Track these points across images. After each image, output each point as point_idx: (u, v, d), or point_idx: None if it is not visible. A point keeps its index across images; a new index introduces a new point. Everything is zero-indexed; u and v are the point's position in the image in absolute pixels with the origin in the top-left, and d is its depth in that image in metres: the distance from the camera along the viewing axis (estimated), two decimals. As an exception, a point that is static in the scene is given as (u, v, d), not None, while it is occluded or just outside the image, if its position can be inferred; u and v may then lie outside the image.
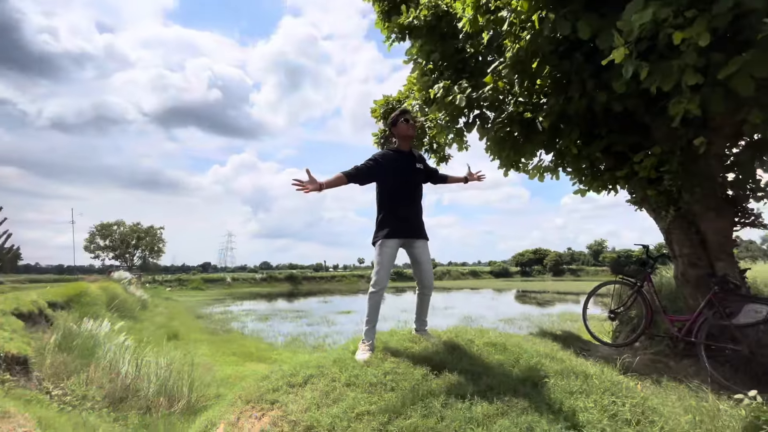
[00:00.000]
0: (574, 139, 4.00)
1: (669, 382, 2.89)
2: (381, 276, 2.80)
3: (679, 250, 3.82)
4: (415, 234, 2.90)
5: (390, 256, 2.82)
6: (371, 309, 2.81)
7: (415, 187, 2.95)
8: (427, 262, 2.92)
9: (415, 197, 2.94)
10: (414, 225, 2.90)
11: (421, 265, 2.91)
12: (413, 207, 2.93)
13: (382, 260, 2.80)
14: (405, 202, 2.89)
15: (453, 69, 4.43)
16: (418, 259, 2.90)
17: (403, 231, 2.85)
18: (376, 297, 2.81)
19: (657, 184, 3.81)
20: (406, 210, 2.88)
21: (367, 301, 2.84)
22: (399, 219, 2.84)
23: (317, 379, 2.44)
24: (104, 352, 4.69)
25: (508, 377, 2.37)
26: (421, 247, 2.91)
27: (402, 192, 2.89)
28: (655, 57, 2.65)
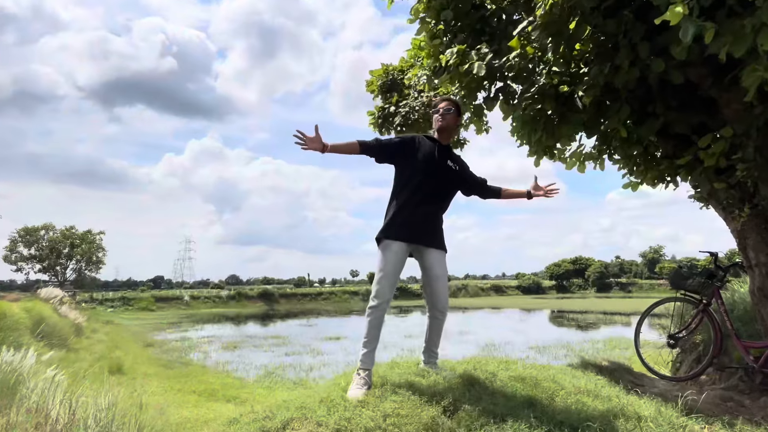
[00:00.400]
0: (622, 119, 3.99)
1: (744, 426, 2.90)
2: (383, 286, 2.80)
3: (756, 259, 3.83)
4: (429, 240, 2.90)
5: (395, 263, 2.83)
6: (370, 328, 2.82)
7: (440, 187, 2.97)
8: (442, 277, 2.92)
9: (437, 198, 2.96)
10: (429, 229, 2.91)
11: (433, 280, 2.91)
12: (432, 208, 2.94)
13: (386, 267, 2.81)
14: (424, 199, 2.89)
15: (470, 30, 4.43)
16: (431, 272, 2.91)
17: (415, 234, 2.86)
18: (376, 313, 2.82)
19: (728, 174, 3.81)
20: (423, 209, 2.88)
21: (366, 318, 2.86)
22: (411, 217, 2.85)
23: (299, 424, 2.44)
24: (29, 391, 4.68)
25: (540, 420, 2.38)
26: (436, 258, 2.92)
27: (423, 186, 2.90)
28: (723, 14, 2.66)
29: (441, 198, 2.99)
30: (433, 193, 2.93)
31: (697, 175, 4.03)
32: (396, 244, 2.83)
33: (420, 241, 2.89)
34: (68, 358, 8.93)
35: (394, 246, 2.83)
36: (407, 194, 2.89)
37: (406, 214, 2.85)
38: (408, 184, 2.91)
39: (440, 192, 2.97)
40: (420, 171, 2.90)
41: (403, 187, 2.93)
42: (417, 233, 2.86)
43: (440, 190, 2.97)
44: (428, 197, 2.91)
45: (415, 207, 2.86)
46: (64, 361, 7.83)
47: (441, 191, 2.97)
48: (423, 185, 2.89)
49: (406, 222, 2.84)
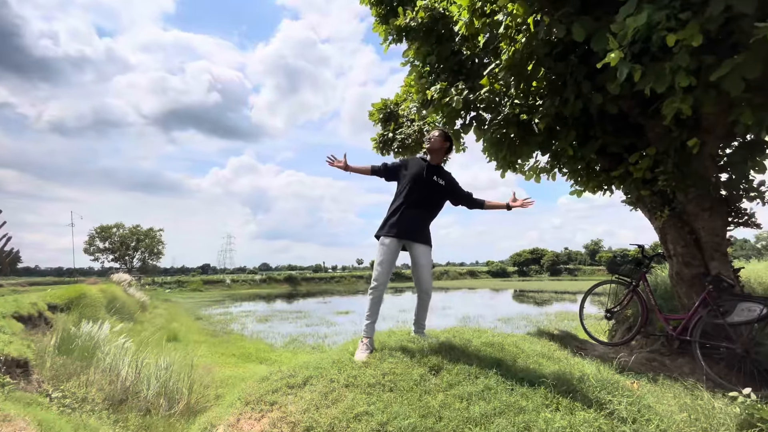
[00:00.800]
0: (569, 141, 4.01)
1: (665, 381, 2.91)
2: (380, 273, 2.85)
3: (674, 250, 3.83)
4: (415, 237, 2.92)
5: (389, 254, 2.86)
6: (371, 305, 2.87)
7: (429, 195, 2.97)
8: (426, 266, 2.94)
9: (423, 204, 2.96)
10: (415, 228, 2.92)
11: (419, 268, 2.93)
12: (418, 212, 2.94)
13: (382, 258, 2.86)
14: (411, 205, 2.92)
15: (449, 71, 4.44)
16: (417, 262, 2.94)
17: (403, 231, 2.88)
18: (376, 293, 2.86)
19: (652, 184, 3.82)
20: (411, 211, 2.91)
21: (368, 297, 2.90)
22: (401, 218, 2.89)
23: (316, 380, 2.44)
24: (104, 355, 4.67)
25: (505, 377, 2.38)
26: (421, 251, 2.93)
27: (410, 195, 2.93)
28: (649, 59, 2.67)
29: (427, 205, 2.99)
30: (419, 200, 2.94)
31: (628, 184, 4.04)
32: (389, 239, 2.87)
33: (408, 237, 2.91)
34: (135, 329, 8.91)
35: (387, 241, 2.87)
36: (399, 202, 2.95)
37: (397, 217, 2.90)
38: (400, 194, 2.97)
39: (426, 201, 2.98)
40: (408, 184, 2.95)
41: (396, 196, 3.00)
42: (405, 231, 2.89)
43: (426, 199, 2.98)
44: (415, 204, 2.93)
45: (404, 211, 2.90)
46: (132, 331, 7.82)
47: (426, 200, 2.98)
48: (410, 194, 2.93)
49: (397, 222, 2.89)
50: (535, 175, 4.64)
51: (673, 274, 3.90)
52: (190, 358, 5.59)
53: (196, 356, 6.78)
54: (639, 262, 4.07)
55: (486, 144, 4.45)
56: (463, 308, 18.27)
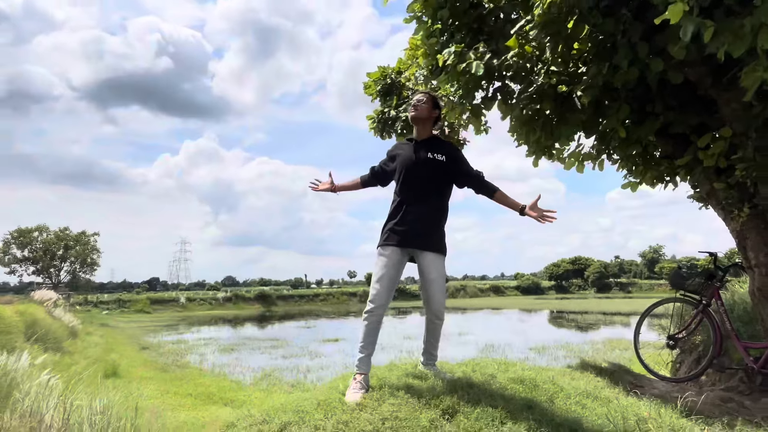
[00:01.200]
0: (621, 119, 4.01)
1: (744, 427, 2.91)
2: (378, 293, 2.80)
3: (756, 259, 3.84)
4: (423, 243, 2.87)
5: (390, 267, 2.82)
6: (367, 333, 2.82)
7: (428, 182, 2.92)
8: (437, 280, 2.87)
9: (427, 195, 2.91)
10: (423, 232, 2.87)
11: (428, 284, 2.88)
12: (423, 208, 2.89)
13: (380, 271, 2.82)
14: (412, 199, 2.88)
15: (467, 29, 4.44)
16: (426, 276, 2.88)
17: (406, 238, 2.84)
18: (372, 318, 2.81)
19: (727, 174, 3.83)
20: (413, 210, 2.87)
21: (362, 323, 2.85)
22: (402, 222, 2.85)
23: (296, 428, 2.44)
24: (22, 395, 4.67)
25: (539, 423, 2.38)
26: (432, 262, 2.88)
27: (407, 188, 2.91)
28: (722, 13, 2.67)
29: (431, 195, 2.91)
30: (420, 192, 2.89)
31: (697, 174, 4.05)
32: (390, 249, 2.84)
33: (413, 245, 2.86)
34: (63, 362, 8.90)
35: (388, 251, 2.84)
36: (397, 200, 2.95)
37: (397, 220, 2.87)
38: (397, 190, 2.99)
39: (427, 189, 2.90)
40: (402, 175, 2.95)
41: (394, 194, 3.02)
42: (409, 237, 2.84)
43: (427, 188, 2.90)
44: (416, 198, 2.88)
45: (405, 211, 2.87)
46: (59, 365, 7.81)
47: (428, 188, 2.90)
48: (406, 187, 2.92)
49: (398, 227, 2.85)
50: (577, 163, 4.64)
51: (755, 290, 3.91)
52: (134, 400, 5.58)
53: (141, 397, 6.78)
54: (711, 274, 4.08)
55: (514, 123, 4.45)
56: (485, 334, 18.30)
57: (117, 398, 5.13)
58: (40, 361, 6.08)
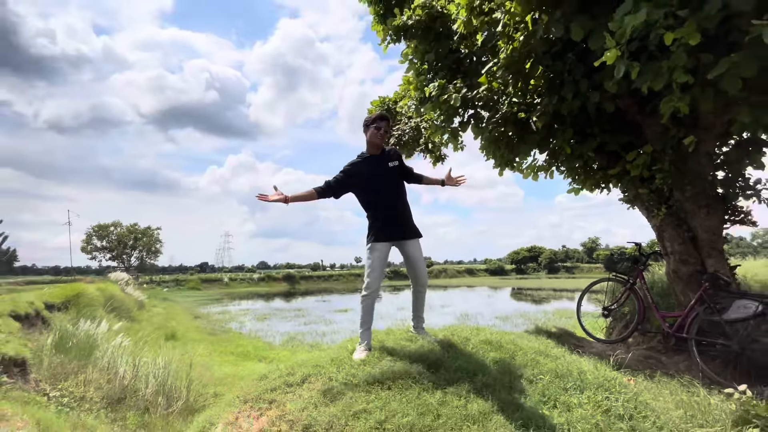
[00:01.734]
0: (567, 139, 4.01)
1: (661, 378, 2.92)
2: (372, 279, 2.80)
3: (671, 248, 3.85)
4: (405, 234, 2.90)
5: (380, 260, 2.84)
6: (365, 312, 2.82)
7: (393, 187, 2.92)
8: (420, 259, 2.92)
9: (395, 197, 2.91)
10: (402, 225, 2.90)
11: (414, 262, 2.91)
12: (397, 207, 2.91)
13: (373, 264, 2.82)
14: (386, 204, 2.88)
15: (448, 69, 4.44)
16: (411, 257, 2.91)
17: (392, 233, 2.87)
18: (368, 300, 2.81)
19: (649, 182, 3.83)
20: (390, 212, 2.87)
21: (360, 304, 2.84)
22: (385, 222, 2.85)
23: (315, 378, 2.44)
24: (102, 353, 4.66)
25: (503, 375, 2.39)
26: (413, 246, 2.91)
27: (380, 196, 2.88)
28: (646, 57, 2.67)
29: (398, 195, 2.93)
30: (390, 196, 2.89)
31: (626, 182, 4.05)
32: (380, 245, 2.84)
33: (398, 237, 2.89)
34: (133, 328, 8.90)
35: (378, 246, 2.84)
36: (374, 208, 2.89)
37: (380, 222, 2.85)
38: (371, 201, 2.90)
39: (394, 192, 2.92)
40: (371, 186, 2.87)
41: (368, 204, 2.92)
42: (394, 232, 2.87)
43: (393, 190, 2.92)
44: (388, 201, 2.88)
45: (385, 215, 2.86)
46: (130, 330, 7.81)
47: (395, 191, 2.92)
48: (379, 195, 2.88)
49: (384, 228, 2.85)
50: (533, 173, 4.65)
51: (670, 272, 3.92)
52: (189, 357, 5.58)
53: (194, 355, 6.77)
54: (636, 259, 4.09)
55: (484, 142, 4.45)
56: (461, 306, 18.30)
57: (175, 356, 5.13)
58: (116, 328, 6.07)
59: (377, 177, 2.86)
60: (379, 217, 2.86)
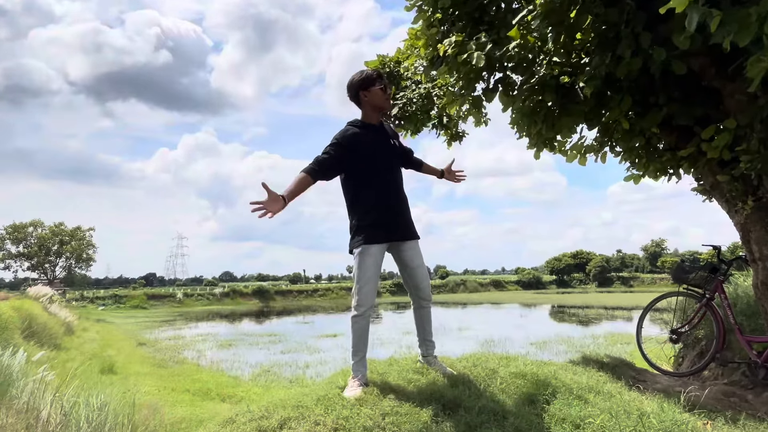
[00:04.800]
0: (624, 110, 3.99)
1: (746, 421, 2.93)
2: (365, 294, 2.74)
3: (760, 252, 3.85)
4: (405, 234, 2.88)
5: (375, 267, 2.79)
6: (357, 337, 2.79)
7: (396, 171, 2.94)
8: (421, 266, 2.93)
9: (397, 185, 2.92)
10: (402, 222, 2.88)
11: (414, 271, 2.90)
12: (397, 198, 2.90)
13: (366, 273, 2.74)
14: (386, 192, 2.84)
15: (468, 19, 4.41)
16: (410, 263, 2.89)
17: (389, 232, 2.82)
18: (362, 321, 2.77)
19: (731, 167, 3.82)
20: (389, 203, 2.84)
21: (351, 328, 2.81)
22: (382, 217, 2.79)
23: (296, 423, 2.44)
24: (19, 391, 4.68)
25: (540, 418, 2.39)
26: (413, 249, 2.91)
27: (380, 179, 2.83)
28: (729, 2, 2.65)
29: (399, 183, 2.95)
30: (392, 182, 2.89)
31: (700, 167, 4.04)
32: (373, 248, 2.77)
33: (396, 237, 2.85)
34: (59, 358, 8.93)
35: (372, 250, 2.76)
36: (368, 195, 2.81)
37: (376, 216, 2.78)
38: (366, 183, 2.82)
39: (396, 178, 2.93)
40: (372, 165, 2.81)
41: (361, 188, 2.83)
42: (392, 231, 2.83)
43: (396, 176, 2.93)
44: (389, 189, 2.87)
45: (382, 207, 2.80)
46: (55, 361, 7.83)
47: (397, 176, 2.94)
48: (379, 178, 2.82)
49: (381, 222, 2.78)
50: (579, 156, 4.63)
51: (758, 284, 3.92)
52: (132, 396, 5.61)
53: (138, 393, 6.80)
54: (714, 268, 4.09)
55: (516, 115, 4.43)
56: (485, 329, 18.37)
57: (114, 394, 5.15)
58: (37, 358, 6.09)
59: (378, 153, 2.84)
60: (373, 210, 2.79)
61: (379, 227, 2.79)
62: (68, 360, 9.13)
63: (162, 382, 8.99)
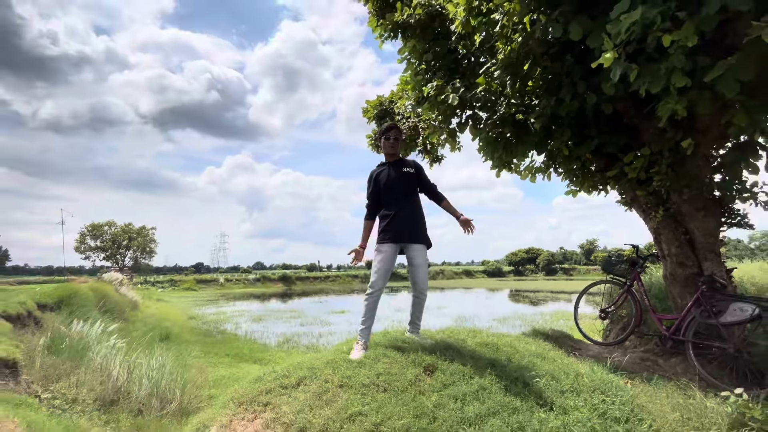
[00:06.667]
0: (565, 140, 4.03)
1: (658, 381, 2.93)
2: (377, 279, 2.89)
3: (668, 250, 3.87)
4: (410, 238, 2.97)
5: (385, 261, 2.91)
6: (367, 309, 2.89)
7: (405, 192, 3.03)
8: (421, 266, 2.98)
9: (406, 201, 3.02)
10: (408, 230, 2.97)
11: (415, 268, 2.98)
12: (406, 211, 3.00)
13: (378, 264, 2.91)
14: (395, 205, 2.99)
15: (446, 69, 4.44)
16: (413, 263, 2.99)
17: (397, 236, 2.95)
18: (371, 298, 2.88)
19: (646, 184, 3.85)
20: (399, 215, 2.97)
21: (364, 302, 2.92)
22: (392, 224, 2.95)
23: (310, 381, 2.43)
24: (95, 355, 4.64)
25: (500, 377, 2.39)
26: (417, 251, 2.98)
27: (391, 199, 3.01)
28: (644, 59, 2.68)
29: (409, 200, 3.05)
30: (401, 200, 3.01)
31: (623, 184, 4.07)
32: (385, 246, 2.93)
33: (404, 240, 2.96)
34: (126, 329, 8.84)
35: (383, 248, 2.93)
36: (384, 210, 3.03)
37: (389, 222, 2.96)
38: (382, 203, 3.06)
39: (405, 196, 3.03)
40: (386, 194, 3.03)
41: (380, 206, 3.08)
42: (401, 235, 2.95)
43: (405, 195, 3.03)
44: (398, 205, 2.99)
45: (394, 215, 2.96)
46: (123, 331, 7.76)
47: (406, 195, 3.04)
48: (390, 198, 3.01)
49: (391, 228, 2.95)
50: (530, 175, 4.66)
51: (667, 274, 3.94)
52: (183, 358, 5.56)
53: (188, 356, 6.75)
54: (633, 262, 4.11)
55: (482, 143, 4.45)
56: (458, 308, 18.33)
57: (169, 357, 5.11)
58: (110, 329, 6.03)
59: (389, 179, 3.03)
60: (387, 218, 2.97)
61: (389, 232, 2.95)
62: (134, 330, 9.05)
63: (207, 348, 8.93)
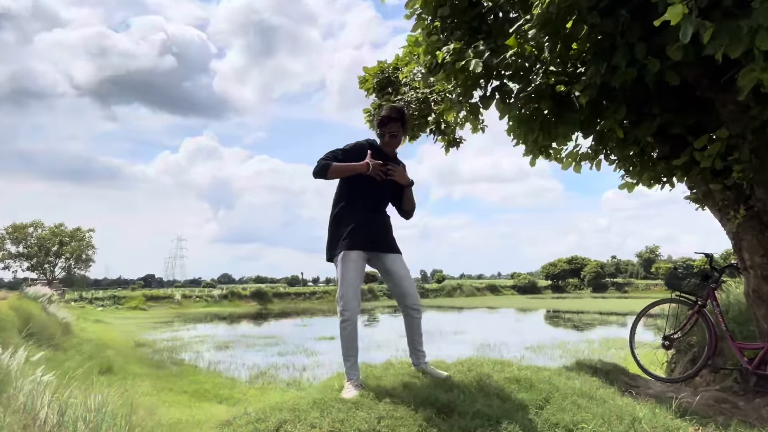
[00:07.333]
0: (619, 119, 4.01)
1: (738, 427, 2.93)
2: (349, 298, 2.82)
3: (751, 260, 3.86)
4: (386, 247, 2.98)
5: (357, 272, 2.86)
6: (346, 343, 2.85)
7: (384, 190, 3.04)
8: (407, 277, 3.01)
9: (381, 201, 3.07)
10: (381, 235, 3.00)
11: (400, 281, 2.97)
12: (382, 216, 3.06)
13: (349, 277, 2.82)
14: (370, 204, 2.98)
15: (466, 28, 4.43)
16: (395, 273, 2.96)
17: (367, 242, 2.90)
18: (350, 326, 2.83)
19: (723, 176, 3.84)
20: (370, 215, 2.96)
21: (340, 335, 2.87)
22: (362, 227, 2.89)
23: (292, 426, 2.44)
24: (16, 391, 4.65)
25: (534, 423, 2.39)
26: (397, 260, 3.00)
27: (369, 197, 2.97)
28: (721, 15, 2.68)
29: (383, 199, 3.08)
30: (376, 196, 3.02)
31: (693, 176, 4.06)
32: (353, 254, 2.85)
33: (374, 248, 2.95)
34: (57, 358, 8.86)
35: (353, 255, 2.85)
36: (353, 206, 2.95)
37: (357, 225, 2.89)
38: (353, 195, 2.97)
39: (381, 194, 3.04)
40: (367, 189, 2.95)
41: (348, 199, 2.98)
42: (370, 241, 2.92)
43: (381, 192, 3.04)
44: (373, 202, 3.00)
45: (362, 217, 2.92)
46: (53, 361, 7.77)
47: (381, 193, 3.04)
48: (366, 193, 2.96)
49: (361, 231, 2.88)
50: (574, 163, 4.66)
51: (750, 291, 3.93)
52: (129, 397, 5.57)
53: (136, 394, 6.76)
54: (706, 275, 4.10)
55: (512, 122, 4.45)
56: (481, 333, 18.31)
57: (112, 395, 5.11)
58: (35, 358, 6.06)
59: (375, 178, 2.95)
60: (354, 219, 2.90)
61: (357, 236, 2.88)
62: (66, 360, 9.07)
63: (159, 383, 8.94)
